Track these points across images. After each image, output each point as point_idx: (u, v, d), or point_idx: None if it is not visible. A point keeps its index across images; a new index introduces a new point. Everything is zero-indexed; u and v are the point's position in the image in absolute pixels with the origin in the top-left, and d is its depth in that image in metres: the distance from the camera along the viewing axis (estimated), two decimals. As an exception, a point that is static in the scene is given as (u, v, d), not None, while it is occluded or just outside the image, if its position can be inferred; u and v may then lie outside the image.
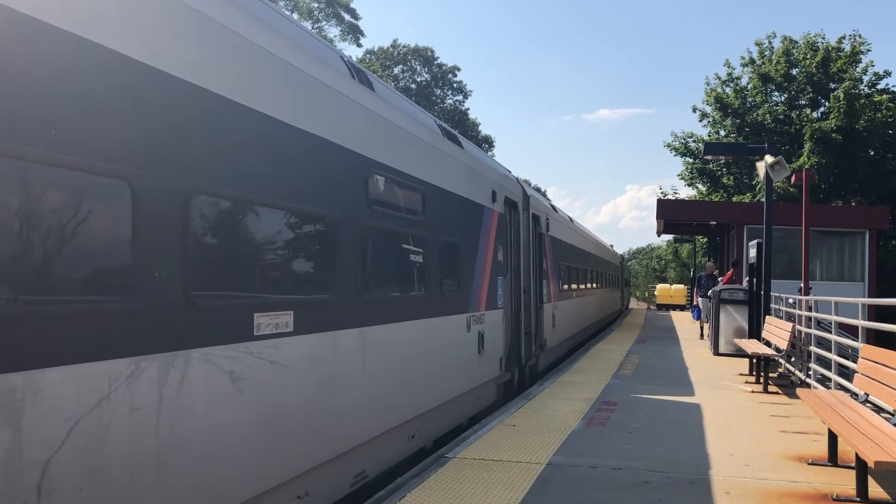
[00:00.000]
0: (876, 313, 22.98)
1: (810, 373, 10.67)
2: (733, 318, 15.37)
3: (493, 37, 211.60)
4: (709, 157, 31.23)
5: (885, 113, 33.33)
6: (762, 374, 11.04)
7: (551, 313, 14.22)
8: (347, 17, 45.24)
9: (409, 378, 6.77)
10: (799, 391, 7.47)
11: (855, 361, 7.45)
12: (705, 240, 41.11)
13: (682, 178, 38.67)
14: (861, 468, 5.40)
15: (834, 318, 9.74)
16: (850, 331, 12.08)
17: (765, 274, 13.83)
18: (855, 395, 7.14)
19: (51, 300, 3.04)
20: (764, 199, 14.30)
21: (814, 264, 24.24)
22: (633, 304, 59.12)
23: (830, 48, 34.85)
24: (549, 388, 10.59)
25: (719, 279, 20.06)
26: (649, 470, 6.15)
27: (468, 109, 56.54)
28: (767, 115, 35.70)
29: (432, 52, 54.71)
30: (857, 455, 5.27)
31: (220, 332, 4.01)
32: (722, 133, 36.64)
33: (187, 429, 3.73)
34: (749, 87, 36.43)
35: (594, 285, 23.42)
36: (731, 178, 36.29)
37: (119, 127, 3.38)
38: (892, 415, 6.57)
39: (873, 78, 35.06)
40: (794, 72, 35.39)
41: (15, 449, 2.84)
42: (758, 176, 19.51)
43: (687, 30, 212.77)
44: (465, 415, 8.76)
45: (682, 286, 50.79)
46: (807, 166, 29.12)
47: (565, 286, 16.56)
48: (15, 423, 2.85)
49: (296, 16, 41.93)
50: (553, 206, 17.20)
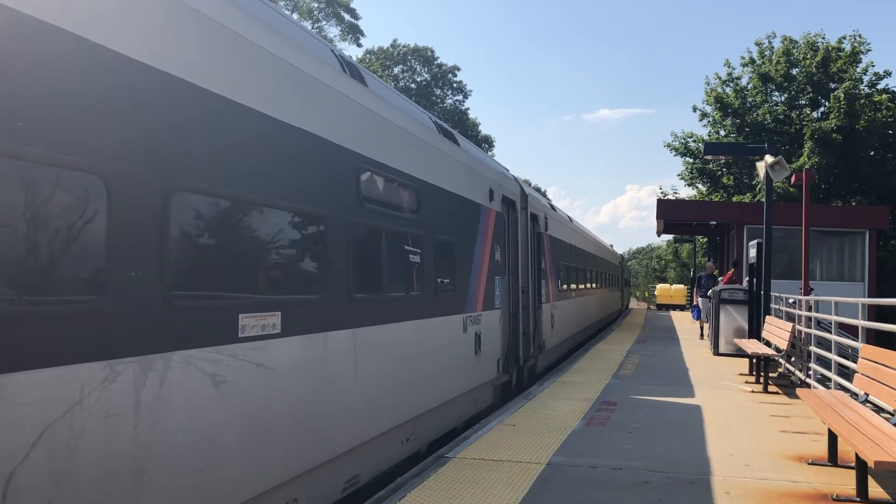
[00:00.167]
0: (876, 313, 22.97)
1: (810, 373, 10.67)
2: (733, 318, 15.37)
3: (493, 37, 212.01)
4: (709, 157, 31.26)
5: (885, 113, 33.33)
6: (762, 374, 11.04)
7: (550, 314, 14.12)
8: (347, 17, 45.25)
9: (403, 380, 6.65)
10: (799, 391, 7.47)
11: (855, 361, 7.45)
12: (705, 240, 41.12)
13: (682, 178, 38.76)
14: (861, 468, 5.40)
15: (834, 318, 9.74)
16: (850, 331, 12.07)
17: (765, 274, 13.83)
18: (855, 395, 7.14)
19: (15, 301, 2.89)
20: (764, 199, 14.31)
21: (814, 264, 24.24)
22: (633, 304, 59.12)
23: (830, 48, 34.86)
24: (549, 388, 10.58)
25: (719, 279, 20.07)
26: (649, 470, 6.15)
27: (468, 109, 56.64)
28: (767, 115, 35.72)
29: (432, 51, 54.75)
30: (857, 455, 5.26)
31: (202, 334, 3.87)
32: (722, 133, 36.65)
33: (167, 435, 3.59)
34: (749, 87, 36.45)
35: (594, 285, 23.36)
36: (731, 178, 36.30)
37: (90, 120, 3.22)
38: (892, 415, 6.57)
39: (873, 78, 35.12)
40: (794, 72, 35.41)
41: None
42: (758, 176, 19.51)
43: (687, 30, 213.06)
44: (461, 417, 8.67)
45: (682, 286, 50.79)
46: (807, 166, 29.11)
47: (564, 286, 16.49)
48: None
49: (296, 16, 41.92)
50: (552, 206, 17.15)
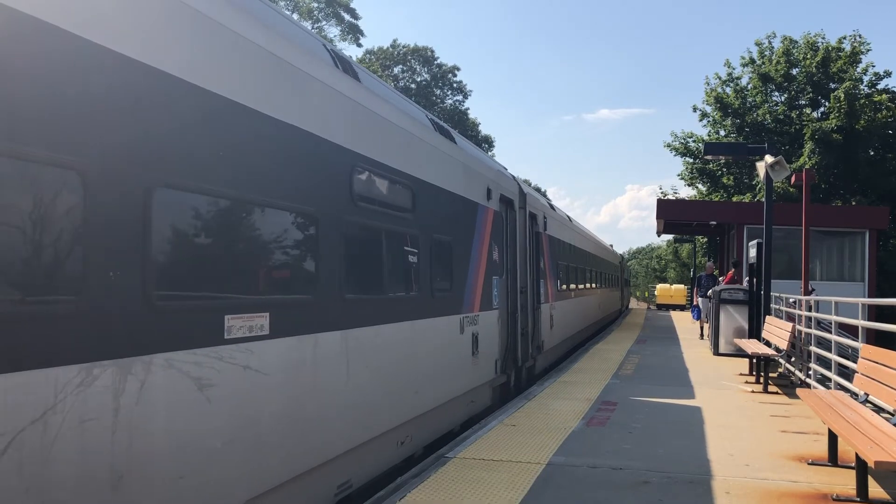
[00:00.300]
0: (876, 313, 22.98)
1: (810, 373, 10.67)
2: (733, 318, 15.37)
3: (493, 37, 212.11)
4: (709, 157, 31.26)
5: (885, 113, 33.35)
6: (762, 374, 11.04)
7: (549, 314, 14.04)
8: (347, 17, 45.31)
9: (397, 382, 6.51)
10: (799, 391, 7.47)
11: (855, 361, 7.45)
12: (705, 240, 41.12)
13: (682, 178, 38.79)
14: (861, 468, 5.40)
15: (834, 318, 9.74)
16: (850, 331, 12.08)
17: (765, 274, 13.83)
18: (855, 395, 7.13)
19: None
20: (764, 199, 14.31)
21: (814, 264, 24.24)
22: (633, 304, 59.13)
23: (830, 48, 34.88)
24: (549, 387, 10.58)
25: (720, 279, 20.07)
26: (649, 470, 6.15)
27: (468, 109, 56.70)
28: (767, 115, 35.74)
29: (432, 51, 54.80)
30: (857, 455, 5.27)
31: (185, 336, 3.74)
32: (722, 133, 36.67)
33: (148, 441, 3.46)
34: (749, 87, 36.47)
35: (593, 285, 23.33)
36: (731, 178, 36.31)
37: (68, 112, 3.10)
38: (892, 415, 6.58)
39: (873, 78, 35.15)
40: (795, 72, 35.43)
41: None
42: (758, 176, 19.51)
43: (687, 30, 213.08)
44: (458, 419, 8.54)
45: (682, 286, 50.79)
46: (807, 166, 29.13)
47: (564, 286, 16.44)
48: None
49: (296, 16, 41.92)
50: (551, 205, 17.08)
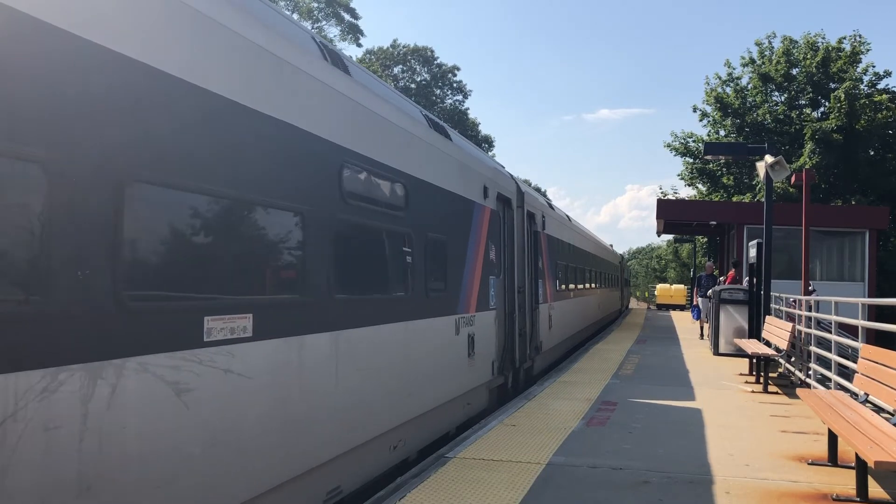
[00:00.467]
0: (876, 313, 22.98)
1: (810, 373, 10.67)
2: (733, 318, 15.37)
3: (493, 36, 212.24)
4: (709, 157, 31.24)
5: (885, 113, 33.35)
6: (762, 374, 11.04)
7: (547, 314, 13.94)
8: (347, 17, 45.28)
9: (390, 385, 6.37)
10: (799, 391, 7.47)
11: (855, 361, 7.45)
12: (705, 240, 41.13)
13: (682, 178, 38.81)
14: (861, 468, 5.40)
15: (834, 317, 9.74)
16: (850, 331, 12.07)
17: (765, 274, 13.83)
18: (855, 395, 7.13)
19: None
20: (764, 199, 14.31)
21: (814, 264, 24.24)
22: (633, 304, 59.14)
23: (830, 48, 34.89)
24: (549, 387, 10.58)
25: (720, 279, 20.07)
26: (649, 470, 6.15)
27: (468, 109, 56.68)
28: (767, 115, 35.75)
29: (432, 51, 54.78)
30: (857, 455, 5.26)
31: (160, 338, 3.58)
32: (722, 133, 36.68)
33: (119, 449, 3.29)
34: (749, 87, 36.49)
35: (593, 285, 23.29)
36: (731, 178, 36.32)
37: (27, 102, 2.96)
38: (892, 415, 6.58)
39: (873, 78, 35.17)
40: (795, 72, 35.45)
41: None
42: (758, 176, 19.51)
43: (687, 30, 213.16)
44: (454, 422, 8.42)
45: (682, 286, 50.79)
46: (807, 166, 29.13)
47: (562, 286, 16.38)
48: None
49: (296, 16, 41.92)
50: (550, 204, 17.01)
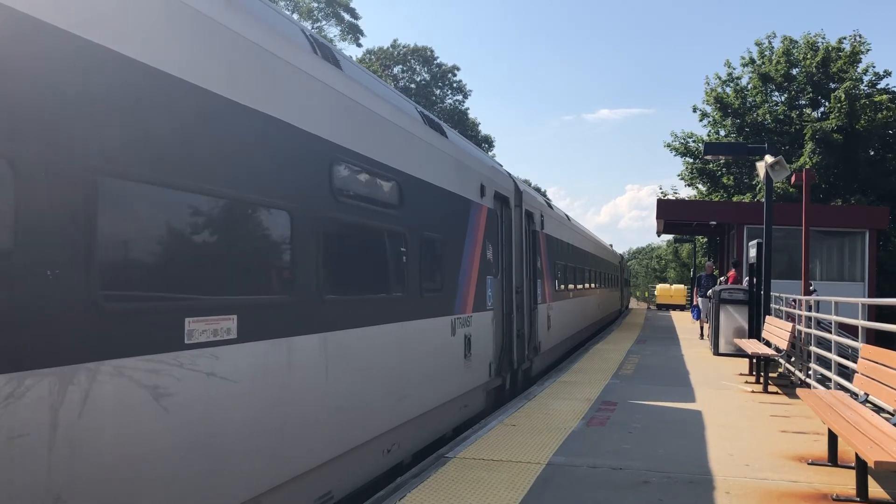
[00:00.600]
0: (876, 313, 22.98)
1: (810, 373, 10.67)
2: (733, 318, 15.36)
3: (493, 37, 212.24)
4: (709, 157, 31.23)
5: (885, 113, 33.37)
6: (762, 374, 11.04)
7: (546, 314, 13.83)
8: (347, 17, 45.29)
9: (383, 387, 6.25)
10: (799, 391, 7.47)
11: (855, 361, 7.45)
12: (705, 240, 41.14)
13: (682, 178, 38.82)
14: (861, 468, 5.40)
15: (834, 318, 9.74)
16: (850, 331, 12.08)
17: (765, 274, 13.83)
18: (855, 395, 7.13)
19: None
20: (764, 199, 14.31)
21: (814, 264, 24.24)
22: (633, 304, 59.14)
23: (830, 48, 34.91)
24: (549, 387, 10.58)
25: (720, 279, 20.07)
26: (649, 470, 6.15)
27: (468, 109, 56.69)
28: (767, 115, 35.75)
29: (432, 51, 54.79)
30: (857, 455, 5.26)
31: (137, 341, 3.45)
32: (722, 133, 36.69)
33: (93, 457, 3.17)
34: (749, 87, 36.50)
35: (592, 285, 23.24)
36: (731, 178, 36.34)
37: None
38: (892, 415, 6.58)
39: (873, 78, 35.19)
40: (795, 72, 35.46)
41: None
42: (758, 176, 19.51)
43: (687, 30, 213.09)
44: (450, 424, 8.30)
45: (682, 286, 50.80)
46: (807, 166, 29.13)
47: (562, 286, 16.31)
48: None
49: (296, 16, 41.92)
50: (549, 203, 16.92)
